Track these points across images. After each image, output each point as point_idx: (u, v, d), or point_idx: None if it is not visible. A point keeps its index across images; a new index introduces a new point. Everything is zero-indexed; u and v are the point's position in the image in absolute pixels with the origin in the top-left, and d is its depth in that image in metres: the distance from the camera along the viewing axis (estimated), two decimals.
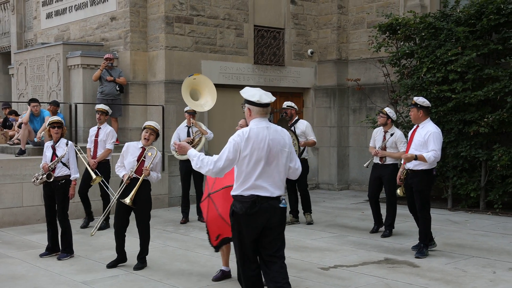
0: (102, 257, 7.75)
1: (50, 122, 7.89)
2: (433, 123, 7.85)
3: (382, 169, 9.04)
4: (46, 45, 13.84)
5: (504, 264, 7.24)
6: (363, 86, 13.98)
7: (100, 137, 9.74)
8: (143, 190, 7.28)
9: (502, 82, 10.55)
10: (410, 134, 7.91)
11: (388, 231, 9.07)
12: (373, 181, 9.22)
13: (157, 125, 7.48)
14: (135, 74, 12.82)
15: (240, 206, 4.87)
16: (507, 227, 9.62)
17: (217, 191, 6.22)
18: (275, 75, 14.30)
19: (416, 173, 7.69)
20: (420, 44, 11.86)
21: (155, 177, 7.38)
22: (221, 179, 6.09)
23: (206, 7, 13.06)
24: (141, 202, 7.28)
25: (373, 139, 9.23)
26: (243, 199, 4.87)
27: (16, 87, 14.99)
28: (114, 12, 13.10)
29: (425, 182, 7.69)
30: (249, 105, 4.94)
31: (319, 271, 7.03)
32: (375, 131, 9.30)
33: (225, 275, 6.72)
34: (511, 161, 10.45)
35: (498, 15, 10.72)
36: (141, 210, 7.31)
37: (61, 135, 7.87)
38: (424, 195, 7.72)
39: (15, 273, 7.08)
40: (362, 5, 14.54)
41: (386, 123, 9.00)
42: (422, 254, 7.70)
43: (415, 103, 7.75)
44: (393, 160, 9.04)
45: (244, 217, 4.86)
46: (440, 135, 7.64)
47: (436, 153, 7.44)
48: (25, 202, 10.25)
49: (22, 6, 20.45)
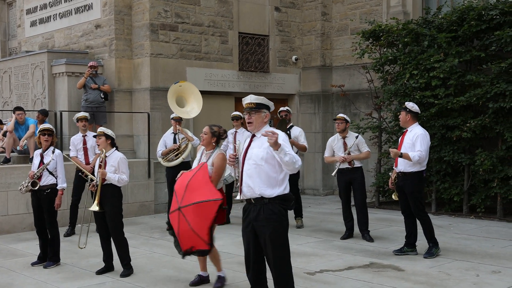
0: (89, 265, 7.72)
1: (41, 129, 7.77)
2: (421, 127, 8.04)
3: (352, 173, 9.14)
4: (30, 53, 13.78)
5: (487, 267, 7.31)
6: (347, 92, 14.06)
7: (88, 144, 9.79)
8: (107, 195, 7.17)
9: (484, 88, 10.66)
10: (400, 138, 8.12)
11: (367, 235, 9.14)
12: (344, 187, 9.27)
13: (102, 129, 7.34)
14: (120, 81, 12.80)
15: (292, 203, 5.17)
16: (490, 230, 9.72)
17: (187, 205, 6.08)
18: (260, 81, 14.34)
19: (407, 175, 7.85)
20: (403, 50, 11.96)
21: (114, 178, 7.14)
22: (190, 194, 6.09)
23: (191, 15, 13.09)
24: (108, 207, 7.18)
25: (330, 149, 9.28)
26: (292, 197, 5.16)
27: (1, 96, 14.90)
28: (99, 20, 13.09)
29: (416, 183, 7.86)
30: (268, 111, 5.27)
31: (305, 276, 7.06)
32: (330, 140, 9.33)
33: (202, 280, 6.76)
34: (493, 165, 10.57)
35: (479, 21, 10.85)
36: (109, 216, 7.19)
37: (51, 143, 7.78)
38: (416, 196, 7.88)
39: (0, 282, 7.03)
40: (345, 12, 14.65)
41: (345, 129, 9.13)
42: (431, 255, 7.84)
43: (404, 107, 7.99)
44: (359, 163, 9.21)
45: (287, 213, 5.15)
46: (427, 137, 7.85)
47: (421, 154, 7.65)
48: (10, 211, 10.18)
49: (5, 15, 20.34)
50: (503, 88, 10.38)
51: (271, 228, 4.99)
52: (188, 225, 6.07)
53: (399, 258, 7.87)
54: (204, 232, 5.99)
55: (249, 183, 5.06)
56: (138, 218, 11.56)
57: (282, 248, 5.05)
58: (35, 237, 8.24)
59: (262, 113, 5.19)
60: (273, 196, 5.01)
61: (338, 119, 9.21)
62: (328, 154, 9.34)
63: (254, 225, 5.08)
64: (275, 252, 5.02)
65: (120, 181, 7.20)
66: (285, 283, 5.10)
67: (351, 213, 9.35)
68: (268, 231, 5.00)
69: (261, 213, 5.02)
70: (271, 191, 5.01)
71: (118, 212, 7.26)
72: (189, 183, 6.21)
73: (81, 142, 9.87)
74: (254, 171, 5.04)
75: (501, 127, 10.63)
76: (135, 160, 12.14)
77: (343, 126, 9.14)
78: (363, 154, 9.12)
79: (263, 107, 5.19)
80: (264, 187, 5.00)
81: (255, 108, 5.18)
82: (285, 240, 5.08)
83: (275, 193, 5.01)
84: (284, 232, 5.08)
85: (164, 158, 10.38)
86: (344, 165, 9.12)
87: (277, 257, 5.04)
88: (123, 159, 7.30)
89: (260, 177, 5.01)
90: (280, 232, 5.04)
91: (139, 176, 11.91)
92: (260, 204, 5.03)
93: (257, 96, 5.28)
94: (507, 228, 9.87)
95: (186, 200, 6.12)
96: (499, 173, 10.57)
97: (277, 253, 5.03)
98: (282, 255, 5.06)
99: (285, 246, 5.08)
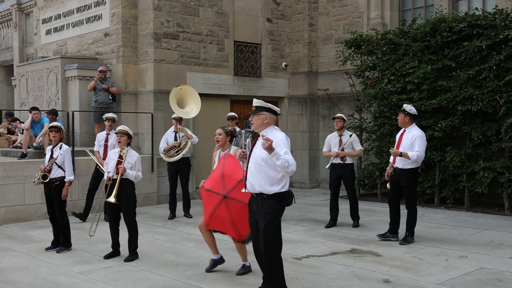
0: (98, 250, 7.69)
1: (49, 126, 7.80)
2: (418, 127, 8.07)
3: (343, 168, 9.14)
4: (45, 59, 13.70)
5: (456, 253, 7.34)
6: (331, 95, 14.06)
7: (109, 141, 9.77)
8: (125, 188, 7.16)
9: (453, 92, 10.69)
10: (398, 136, 8.11)
11: (356, 222, 9.23)
12: (334, 180, 9.28)
13: (125, 128, 7.35)
14: (127, 84, 12.75)
15: (289, 201, 5.16)
16: (458, 220, 9.75)
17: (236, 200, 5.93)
18: (253, 85, 14.32)
19: (404, 171, 7.89)
20: (382, 58, 11.97)
21: (132, 175, 7.17)
22: (229, 180, 5.98)
23: (191, 25, 13.05)
24: (124, 199, 7.17)
25: (328, 144, 9.29)
26: (290, 194, 5.18)
27: (18, 97, 14.82)
28: (108, 29, 13.03)
29: (412, 178, 7.93)
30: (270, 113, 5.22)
31: (293, 260, 7.06)
32: (329, 137, 9.35)
33: (215, 263, 6.58)
34: (462, 162, 10.60)
35: (450, 32, 10.88)
36: (125, 207, 7.20)
37: (60, 139, 7.74)
38: (411, 190, 7.93)
39: (17, 265, 7.00)
40: (330, 23, 14.64)
41: (343, 127, 9.13)
42: (406, 242, 7.88)
43: (403, 109, 7.97)
44: (351, 160, 9.21)
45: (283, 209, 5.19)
46: (424, 138, 7.91)
47: (419, 154, 7.73)
48: (26, 201, 10.13)
49: (23, 23, 20.23)
50: (471, 92, 10.41)
51: (267, 221, 5.07)
52: (230, 216, 6.01)
53: (378, 245, 7.88)
54: (244, 229, 5.99)
55: (251, 180, 5.15)
56: (142, 208, 11.51)
57: (274, 239, 5.12)
58: (49, 224, 8.21)
59: (262, 115, 5.21)
60: (272, 193, 5.07)
61: (337, 118, 9.20)
62: (325, 149, 9.35)
63: (255, 216, 5.21)
64: (267, 242, 5.08)
65: (137, 177, 7.26)
66: (274, 271, 5.15)
67: (337, 204, 9.35)
68: (263, 222, 5.08)
69: (260, 207, 5.12)
70: (270, 188, 5.06)
71: (133, 203, 7.30)
72: (223, 172, 6.09)
73: (104, 139, 9.85)
74: (255, 170, 5.11)
75: (469, 127, 10.66)
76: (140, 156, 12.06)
77: (341, 124, 9.14)
78: (356, 152, 9.12)
79: (263, 110, 5.21)
80: (263, 185, 5.07)
81: (256, 110, 5.24)
82: (278, 232, 5.14)
83: (274, 191, 5.07)
84: (277, 225, 5.14)
85: (166, 154, 10.35)
86: (337, 160, 9.13)
87: (269, 247, 5.09)
88: (140, 158, 7.40)
89: (260, 175, 5.08)
90: (274, 225, 5.10)
91: (143, 170, 11.61)
92: (261, 198, 5.12)
93: (258, 100, 5.31)
94: (474, 218, 9.90)
95: (229, 187, 5.99)
96: (466, 169, 10.61)
97: (269, 243, 5.09)
98: (274, 245, 5.12)
99: (277, 237, 5.14)
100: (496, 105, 10.17)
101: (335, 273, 6.46)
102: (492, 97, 10.16)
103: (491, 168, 10.18)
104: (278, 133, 5.10)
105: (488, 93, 10.20)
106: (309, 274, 6.46)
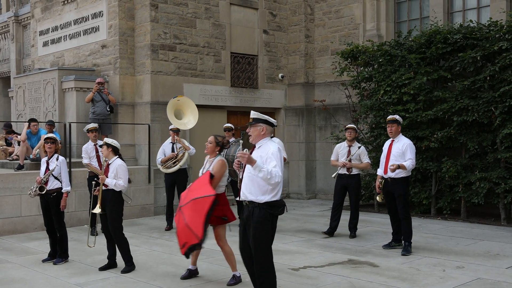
0: (94, 262, 7.68)
1: (45, 138, 7.80)
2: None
3: (349, 179, 9.17)
4: (42, 70, 13.72)
5: (452, 263, 7.35)
6: (328, 106, 14.11)
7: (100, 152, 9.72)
8: (108, 199, 7.11)
9: (449, 103, 10.74)
10: (387, 147, 8.17)
11: (354, 232, 9.24)
12: (339, 189, 9.32)
13: (107, 140, 7.29)
14: (124, 96, 12.78)
15: (280, 209, 5.24)
16: (454, 230, 9.76)
17: (186, 203, 6.10)
18: (249, 96, 14.37)
19: (396, 180, 7.97)
20: (378, 69, 12.03)
21: (111, 183, 7.03)
22: (191, 193, 6.13)
23: (188, 36, 13.11)
24: (108, 210, 7.13)
25: (336, 154, 9.34)
26: (281, 203, 5.26)
27: (15, 108, 14.81)
28: (105, 41, 13.08)
29: (405, 187, 8.03)
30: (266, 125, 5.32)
31: (290, 271, 7.06)
32: (338, 146, 9.40)
33: (191, 274, 6.77)
34: (458, 172, 10.63)
35: (445, 44, 10.94)
36: (109, 217, 7.13)
37: (55, 151, 7.72)
38: (405, 198, 8.00)
39: (14, 277, 6.98)
40: (326, 34, 14.73)
41: (355, 137, 9.22)
42: (408, 252, 7.88)
43: (396, 120, 8.10)
44: (357, 171, 9.22)
45: (276, 218, 5.28)
46: (413, 146, 8.09)
47: (412, 161, 7.90)
48: (23, 212, 10.11)
49: (21, 35, 20.27)
50: (466, 103, 10.47)
51: (256, 229, 5.18)
52: (184, 221, 6.04)
53: (375, 255, 7.89)
54: (198, 227, 5.89)
55: (244, 188, 5.29)
56: (139, 219, 11.51)
57: (263, 246, 5.20)
58: (45, 236, 8.19)
59: (259, 127, 5.33)
60: (262, 201, 5.17)
61: (350, 128, 9.25)
62: (333, 158, 9.40)
63: (246, 224, 5.33)
64: (257, 249, 5.19)
65: (117, 185, 7.08)
66: (265, 277, 5.22)
67: (340, 214, 9.36)
68: (253, 230, 5.20)
69: (251, 215, 5.23)
70: (261, 197, 5.17)
71: (117, 215, 7.14)
72: (191, 186, 6.33)
73: (93, 150, 9.69)
74: (248, 179, 5.25)
75: (465, 138, 10.70)
76: (137, 167, 12.10)
77: (354, 135, 9.19)
78: (363, 164, 9.15)
79: (260, 122, 5.34)
80: (255, 194, 5.19)
81: (253, 122, 5.36)
82: (267, 239, 5.22)
83: (264, 199, 5.17)
84: (266, 233, 5.20)
85: (163, 165, 10.36)
86: (343, 170, 9.16)
87: (259, 254, 5.19)
88: (121, 166, 7.16)
89: (252, 184, 5.21)
90: (263, 233, 5.19)
91: (140, 181, 11.86)
92: (252, 206, 5.23)
93: (256, 112, 5.43)
94: (470, 228, 9.92)
95: (186, 200, 6.17)
96: (463, 179, 10.63)
97: (259, 250, 5.19)
98: (263, 253, 5.20)
99: (266, 245, 5.21)
100: (492, 116, 10.22)
101: (332, 284, 6.45)
102: (487, 107, 10.22)
103: (487, 179, 10.21)
104: (272, 145, 5.23)
105: (483, 104, 10.26)
106: (306, 285, 6.45)
